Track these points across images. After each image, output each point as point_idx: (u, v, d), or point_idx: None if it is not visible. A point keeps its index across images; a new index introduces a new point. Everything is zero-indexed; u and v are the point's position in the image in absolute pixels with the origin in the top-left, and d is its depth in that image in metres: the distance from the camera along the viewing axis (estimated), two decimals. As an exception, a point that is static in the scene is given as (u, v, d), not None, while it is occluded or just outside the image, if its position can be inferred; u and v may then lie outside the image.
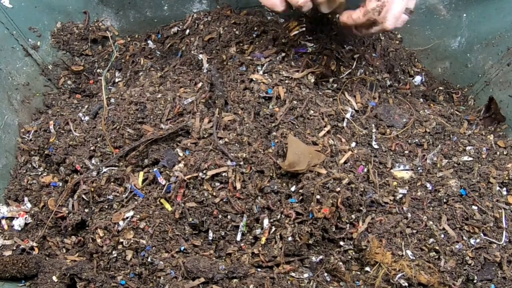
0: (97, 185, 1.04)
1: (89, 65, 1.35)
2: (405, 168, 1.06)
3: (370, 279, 0.94)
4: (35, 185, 1.10)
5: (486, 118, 1.23)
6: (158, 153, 1.04)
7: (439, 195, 1.03)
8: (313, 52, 1.18)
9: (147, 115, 1.10)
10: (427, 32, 1.36)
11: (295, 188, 0.97)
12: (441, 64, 1.35)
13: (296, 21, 1.21)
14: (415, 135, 1.12)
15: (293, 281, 0.92)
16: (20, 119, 1.22)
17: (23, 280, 0.96)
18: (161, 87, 1.16)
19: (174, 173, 0.99)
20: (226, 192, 0.97)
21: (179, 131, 1.06)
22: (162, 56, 1.32)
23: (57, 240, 1.04)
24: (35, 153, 1.16)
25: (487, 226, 0.99)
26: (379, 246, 0.95)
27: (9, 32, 1.22)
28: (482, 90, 1.27)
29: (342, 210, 0.96)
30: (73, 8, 1.34)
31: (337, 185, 0.96)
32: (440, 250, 0.97)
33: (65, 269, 0.92)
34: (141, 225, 0.98)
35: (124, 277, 0.92)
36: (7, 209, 1.06)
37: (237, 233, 0.97)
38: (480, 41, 1.28)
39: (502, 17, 1.24)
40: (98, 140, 1.12)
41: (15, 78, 1.23)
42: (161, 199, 0.99)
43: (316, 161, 0.97)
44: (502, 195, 1.05)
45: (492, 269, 0.96)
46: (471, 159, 1.09)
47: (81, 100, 1.30)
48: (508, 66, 1.21)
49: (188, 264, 0.91)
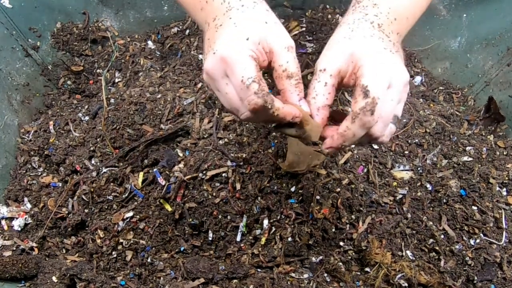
0: (97, 185, 1.04)
1: (89, 65, 1.35)
2: (405, 169, 1.06)
3: (370, 280, 0.94)
4: (35, 185, 1.10)
5: (486, 118, 1.23)
6: (158, 153, 1.04)
7: (439, 195, 1.03)
8: (313, 52, 1.18)
9: (147, 115, 1.10)
10: (427, 32, 1.36)
11: (295, 189, 0.97)
12: (441, 64, 1.35)
13: (296, 21, 1.21)
14: (415, 135, 1.12)
15: (293, 282, 0.92)
16: (20, 119, 1.22)
17: (23, 280, 0.96)
18: (161, 88, 1.16)
19: (174, 174, 0.99)
20: (226, 193, 0.96)
21: (179, 131, 1.06)
22: (162, 56, 1.32)
23: (57, 240, 1.03)
24: (35, 154, 1.16)
25: (487, 226, 0.99)
26: (379, 246, 0.95)
27: (9, 32, 1.22)
28: (482, 90, 1.27)
29: (342, 211, 0.96)
30: (73, 8, 1.34)
31: (337, 186, 0.96)
32: (440, 251, 0.97)
33: (65, 270, 0.92)
34: (141, 225, 0.98)
35: (124, 277, 0.92)
36: (7, 210, 1.06)
37: (237, 234, 0.97)
38: (480, 41, 1.28)
39: (502, 17, 1.24)
40: (98, 140, 1.12)
41: (15, 78, 1.23)
42: (161, 200, 0.99)
43: (316, 161, 0.97)
44: (502, 196, 1.05)
45: (492, 270, 0.96)
46: (471, 159, 1.09)
47: (81, 100, 1.30)
48: (508, 66, 1.21)
49: (188, 265, 0.91)
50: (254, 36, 0.60)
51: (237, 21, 0.62)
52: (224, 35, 0.61)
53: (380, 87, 0.61)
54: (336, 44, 0.67)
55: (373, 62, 0.62)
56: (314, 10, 1.36)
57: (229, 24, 0.62)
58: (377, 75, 0.61)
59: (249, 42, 0.60)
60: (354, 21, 0.71)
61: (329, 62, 0.65)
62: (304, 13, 1.36)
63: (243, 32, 0.60)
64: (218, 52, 0.59)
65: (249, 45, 0.60)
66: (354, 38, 0.66)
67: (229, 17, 0.64)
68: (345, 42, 0.66)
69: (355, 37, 0.67)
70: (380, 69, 0.62)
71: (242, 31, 0.60)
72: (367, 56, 0.63)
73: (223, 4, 0.65)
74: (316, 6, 1.37)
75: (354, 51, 0.64)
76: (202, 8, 0.69)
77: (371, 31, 0.68)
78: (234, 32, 0.61)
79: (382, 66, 0.62)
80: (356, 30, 0.68)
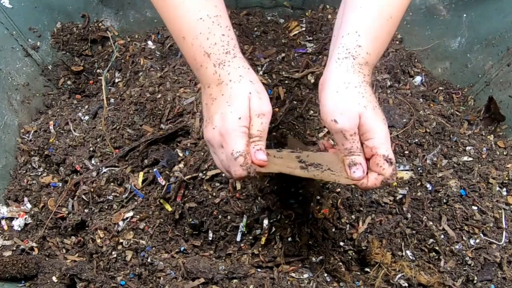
0: (97, 185, 1.04)
1: (89, 66, 1.35)
2: (405, 169, 1.06)
3: (370, 280, 0.94)
4: (35, 185, 1.10)
5: (486, 118, 1.23)
6: (158, 153, 1.04)
7: (439, 195, 1.03)
8: (313, 52, 1.18)
9: (147, 115, 1.10)
10: (427, 32, 1.35)
11: (294, 189, 0.97)
12: (441, 64, 1.35)
13: (296, 21, 1.21)
14: (415, 135, 1.12)
15: (293, 282, 0.92)
16: (20, 119, 1.22)
17: (23, 280, 0.96)
18: (161, 88, 1.16)
19: (174, 174, 0.99)
20: (226, 193, 0.97)
21: (179, 131, 1.06)
22: (162, 57, 1.32)
23: (57, 240, 1.03)
24: (35, 154, 1.16)
25: (487, 226, 0.99)
26: (379, 246, 0.95)
27: (9, 32, 1.22)
28: (482, 90, 1.27)
29: (342, 211, 0.96)
30: (73, 9, 1.34)
31: (337, 186, 0.96)
32: (440, 251, 0.97)
33: (65, 270, 0.92)
34: (141, 225, 0.98)
35: (124, 277, 0.92)
36: (7, 210, 1.06)
37: (237, 234, 0.97)
38: (480, 41, 1.28)
39: (502, 17, 1.23)
40: (98, 140, 1.12)
41: (15, 79, 1.23)
42: (161, 200, 0.99)
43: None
44: (502, 196, 1.05)
45: (492, 270, 0.96)
46: (471, 159, 1.09)
47: (81, 100, 1.30)
48: (508, 66, 1.21)
49: (188, 265, 0.91)
50: (244, 113, 0.74)
51: (229, 100, 0.75)
52: (220, 111, 0.75)
53: (391, 150, 0.76)
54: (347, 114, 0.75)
55: (380, 131, 0.75)
56: (314, 10, 1.36)
57: (223, 101, 0.75)
58: (387, 141, 0.75)
59: (241, 120, 0.73)
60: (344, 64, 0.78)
61: (352, 131, 0.75)
62: (304, 13, 1.36)
63: (235, 112, 0.73)
64: (217, 128, 0.74)
65: (241, 123, 0.73)
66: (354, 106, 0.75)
67: (222, 93, 0.76)
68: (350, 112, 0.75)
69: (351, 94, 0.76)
70: (386, 135, 0.76)
71: (235, 111, 0.73)
72: (374, 125, 0.75)
73: (214, 75, 0.77)
74: (316, 6, 1.37)
75: (361, 124, 0.75)
76: (197, 69, 0.80)
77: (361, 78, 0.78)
78: (228, 111, 0.74)
79: (385, 131, 0.75)
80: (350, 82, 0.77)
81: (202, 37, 0.78)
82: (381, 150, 0.74)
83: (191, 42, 0.79)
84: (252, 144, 0.74)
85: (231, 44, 0.79)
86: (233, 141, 0.72)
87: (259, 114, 0.75)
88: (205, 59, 0.78)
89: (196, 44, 0.78)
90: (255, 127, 0.75)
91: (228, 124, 0.73)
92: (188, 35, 0.79)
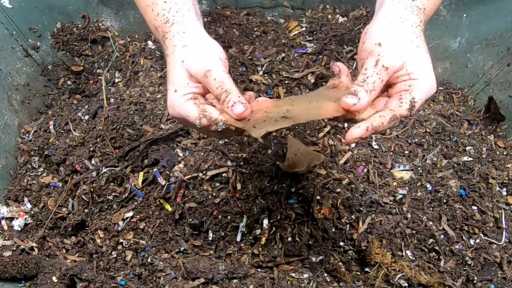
0: (97, 185, 1.04)
1: (89, 66, 1.35)
2: (405, 169, 1.06)
3: (370, 280, 0.94)
4: (35, 185, 1.10)
5: (486, 118, 1.23)
6: (158, 153, 1.04)
7: (439, 195, 1.03)
8: (313, 52, 1.18)
9: (147, 115, 1.10)
10: (427, 32, 1.35)
11: (295, 189, 0.97)
12: (441, 64, 1.35)
13: (296, 21, 1.21)
14: (415, 135, 1.12)
15: (293, 282, 0.92)
16: (20, 119, 1.22)
17: (23, 280, 0.96)
18: (161, 87, 1.16)
19: (174, 174, 0.99)
20: (226, 193, 0.97)
21: (179, 131, 1.06)
22: (162, 56, 1.32)
23: (57, 240, 1.03)
24: (35, 154, 1.16)
25: (487, 226, 0.99)
26: (379, 246, 0.95)
27: (9, 32, 1.22)
28: (482, 90, 1.27)
29: (342, 211, 0.96)
30: (73, 9, 1.34)
31: (337, 186, 0.96)
32: (440, 251, 0.97)
33: (65, 270, 0.92)
34: (141, 225, 0.98)
35: (124, 277, 0.92)
36: (7, 210, 1.06)
37: (237, 234, 0.97)
38: (480, 41, 1.28)
39: (502, 17, 1.23)
40: (98, 140, 1.12)
41: (15, 79, 1.23)
42: (161, 200, 0.99)
43: (315, 161, 0.97)
44: (502, 196, 1.05)
45: (492, 270, 0.96)
46: (471, 159, 1.09)
47: (81, 100, 1.30)
48: (508, 66, 1.21)
49: (188, 265, 0.91)
50: (179, 83, 0.70)
51: (168, 76, 0.72)
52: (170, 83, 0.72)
53: (422, 103, 0.70)
54: (394, 43, 0.69)
55: (425, 81, 0.69)
56: (314, 10, 1.36)
57: (167, 79, 0.72)
58: (425, 95, 0.69)
59: (177, 92, 0.70)
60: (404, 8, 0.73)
61: (391, 64, 0.68)
62: (304, 13, 1.36)
63: (172, 86, 0.71)
64: (169, 108, 0.73)
65: (179, 93, 0.70)
66: (406, 40, 0.70)
67: (173, 52, 0.72)
68: (400, 44, 0.70)
69: (406, 38, 0.70)
70: (428, 90, 0.70)
71: (171, 86, 0.71)
72: (421, 72, 0.69)
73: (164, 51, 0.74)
74: (316, 6, 1.37)
75: (407, 60, 0.69)
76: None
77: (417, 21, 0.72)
78: (168, 88, 0.71)
79: (430, 88, 0.70)
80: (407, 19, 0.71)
81: (149, 9, 0.74)
82: (413, 94, 0.67)
83: (146, 18, 0.75)
84: (224, 104, 0.68)
85: (173, 10, 0.73)
86: (186, 113, 0.69)
87: (204, 74, 0.70)
88: (157, 34, 0.74)
89: (147, 19, 0.75)
90: (211, 86, 0.70)
91: (171, 101, 0.71)
92: (143, 11, 0.76)
